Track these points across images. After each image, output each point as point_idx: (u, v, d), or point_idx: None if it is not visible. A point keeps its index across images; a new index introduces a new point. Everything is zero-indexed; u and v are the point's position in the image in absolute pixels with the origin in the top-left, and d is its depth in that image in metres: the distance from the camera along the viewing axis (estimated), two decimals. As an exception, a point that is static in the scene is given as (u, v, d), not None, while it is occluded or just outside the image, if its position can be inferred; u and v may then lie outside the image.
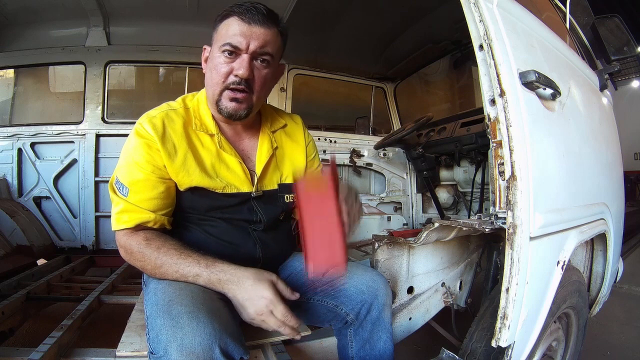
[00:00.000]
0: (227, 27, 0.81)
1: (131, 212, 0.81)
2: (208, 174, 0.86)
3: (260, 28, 0.80)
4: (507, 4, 0.93)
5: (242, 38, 0.79)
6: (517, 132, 0.80)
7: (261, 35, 0.80)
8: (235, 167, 0.90)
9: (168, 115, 0.86)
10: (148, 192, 0.81)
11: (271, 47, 0.82)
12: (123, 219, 0.80)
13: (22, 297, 1.38)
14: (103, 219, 2.25)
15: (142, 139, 0.81)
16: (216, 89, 0.83)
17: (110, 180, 0.84)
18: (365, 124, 2.82)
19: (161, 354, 0.62)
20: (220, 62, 0.81)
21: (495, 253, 1.27)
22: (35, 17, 2.10)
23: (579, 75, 1.33)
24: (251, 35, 0.79)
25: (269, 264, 0.96)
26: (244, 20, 0.79)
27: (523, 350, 0.90)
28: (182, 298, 0.69)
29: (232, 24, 0.80)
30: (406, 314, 1.13)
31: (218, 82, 0.82)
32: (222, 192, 0.87)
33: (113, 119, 2.28)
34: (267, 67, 0.84)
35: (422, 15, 2.05)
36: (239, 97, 0.82)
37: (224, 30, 0.81)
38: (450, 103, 3.05)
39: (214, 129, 0.89)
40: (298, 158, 1.03)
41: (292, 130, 1.05)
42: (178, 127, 0.85)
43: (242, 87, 0.81)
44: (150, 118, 0.84)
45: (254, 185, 0.92)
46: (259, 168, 0.93)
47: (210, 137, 0.89)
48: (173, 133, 0.84)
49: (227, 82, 0.81)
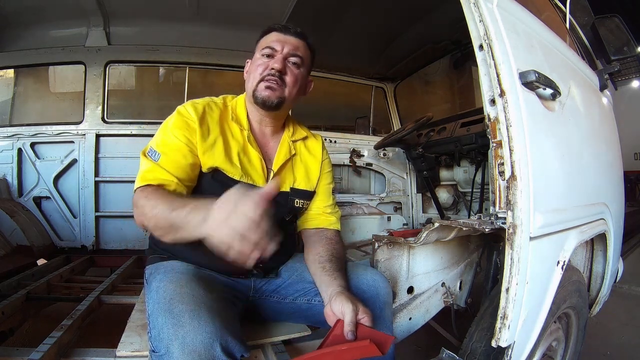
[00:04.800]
0: (266, 39, 0.97)
1: (157, 172, 0.86)
2: (231, 160, 0.94)
3: (293, 37, 0.97)
4: (507, 4, 0.93)
5: (278, 43, 0.95)
6: (517, 132, 0.80)
7: (294, 42, 0.96)
8: (256, 162, 0.98)
9: (209, 104, 0.98)
10: (178, 159, 0.88)
11: (301, 52, 0.97)
12: (147, 177, 0.85)
13: (22, 297, 1.38)
14: (103, 219, 2.26)
15: (182, 117, 0.92)
16: (254, 82, 0.95)
17: (144, 149, 0.91)
18: (365, 124, 2.82)
19: (163, 352, 0.63)
20: (259, 63, 0.95)
21: (495, 253, 1.27)
22: (35, 17, 2.10)
23: (579, 75, 1.33)
24: (285, 41, 0.95)
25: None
26: (280, 32, 0.97)
27: (523, 350, 0.90)
28: (184, 296, 0.70)
29: (271, 36, 0.97)
30: (406, 314, 1.13)
31: (256, 76, 0.95)
32: (239, 179, 0.93)
33: (113, 119, 2.28)
34: (298, 68, 0.97)
35: (422, 15, 2.05)
36: (272, 85, 0.93)
37: (264, 41, 0.98)
38: (450, 103, 3.05)
39: (245, 124, 0.99)
40: (313, 168, 1.10)
41: (312, 144, 1.13)
42: (215, 115, 0.97)
43: (275, 78, 0.93)
44: (193, 103, 0.95)
45: (267, 183, 0.97)
46: (275, 166, 1.01)
47: (240, 131, 0.98)
48: (210, 119, 0.95)
49: (264, 74, 0.94)
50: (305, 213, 1.10)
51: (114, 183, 2.25)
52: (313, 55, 1.03)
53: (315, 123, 2.77)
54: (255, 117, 1.01)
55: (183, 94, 2.41)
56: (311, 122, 2.47)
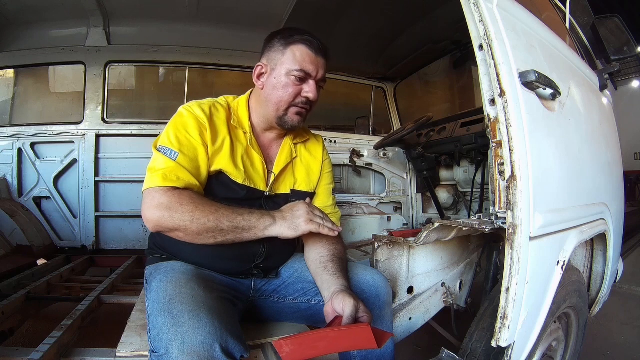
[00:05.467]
0: (297, 53, 0.91)
1: (179, 172, 0.84)
2: (235, 163, 0.94)
3: (322, 59, 0.93)
4: (507, 4, 0.93)
5: (312, 66, 0.91)
6: (517, 132, 0.80)
7: (324, 65, 0.94)
8: (258, 165, 0.98)
9: (214, 105, 0.97)
10: (196, 159, 0.88)
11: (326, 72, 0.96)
12: (171, 178, 0.83)
13: (22, 297, 1.38)
14: (103, 219, 2.26)
15: (193, 117, 0.90)
16: (282, 106, 0.93)
17: (154, 142, 0.89)
18: (365, 124, 2.82)
19: (162, 352, 0.63)
20: (289, 84, 0.91)
21: (495, 253, 1.27)
22: (35, 17, 2.10)
23: (579, 75, 1.33)
24: (318, 64, 0.92)
25: (270, 260, 1.00)
26: (311, 50, 0.91)
27: (523, 350, 0.90)
28: (183, 297, 0.70)
29: (302, 51, 0.91)
30: (406, 314, 1.13)
31: (286, 100, 0.92)
32: (241, 183, 0.94)
33: (113, 119, 2.28)
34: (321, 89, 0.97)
35: (422, 15, 2.05)
36: (303, 113, 0.95)
37: (292, 56, 0.91)
38: (450, 103, 3.05)
39: (248, 128, 0.98)
40: (313, 169, 1.10)
41: (312, 146, 1.13)
42: (222, 116, 0.96)
43: (307, 107, 0.95)
44: (199, 104, 0.94)
45: (268, 186, 0.99)
46: (276, 169, 1.02)
47: (243, 134, 0.98)
48: (217, 120, 0.94)
49: (296, 102, 0.93)
50: None
51: (114, 183, 2.25)
52: None
53: (316, 123, 2.77)
54: (262, 125, 1.01)
55: (183, 94, 2.41)
56: (311, 122, 2.47)
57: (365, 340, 0.68)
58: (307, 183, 1.07)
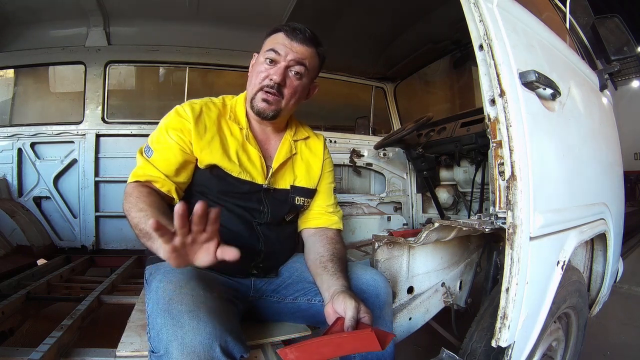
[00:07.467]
0: (273, 39, 0.94)
1: (147, 168, 0.89)
2: (229, 158, 0.95)
3: (300, 45, 0.92)
4: (507, 4, 0.93)
5: (283, 48, 0.91)
6: (517, 132, 0.80)
7: (299, 50, 0.92)
8: (255, 159, 0.99)
9: (207, 104, 0.99)
10: (169, 157, 0.90)
11: (308, 61, 0.94)
12: (137, 173, 0.89)
13: (22, 297, 1.38)
14: (103, 219, 2.26)
15: (178, 116, 0.94)
16: (253, 89, 0.95)
17: (141, 147, 0.94)
18: (365, 124, 2.81)
19: (162, 352, 0.63)
20: (261, 68, 0.93)
21: (495, 253, 1.27)
22: (35, 17, 2.10)
23: (579, 75, 1.33)
24: (290, 48, 0.91)
25: (270, 259, 1.00)
26: (287, 36, 0.92)
27: (523, 350, 0.90)
28: (183, 297, 0.70)
29: (277, 37, 0.93)
30: (406, 314, 1.13)
31: (256, 83, 0.94)
32: (237, 176, 0.95)
33: (113, 119, 2.28)
34: (299, 79, 0.94)
35: (422, 15, 2.05)
36: (269, 99, 0.93)
37: (270, 41, 0.94)
38: (450, 103, 3.05)
39: (244, 123, 1.00)
40: (314, 166, 1.10)
41: (313, 144, 1.13)
42: (213, 115, 0.97)
43: (273, 91, 0.92)
44: (191, 103, 0.97)
45: (267, 179, 0.99)
46: (275, 164, 1.02)
47: (239, 130, 0.99)
48: (207, 118, 0.96)
49: (263, 84, 0.93)
50: (306, 212, 1.10)
51: (114, 183, 2.25)
52: (322, 61, 1.01)
53: (316, 123, 2.76)
54: (255, 117, 1.01)
55: (183, 94, 2.41)
56: (311, 122, 2.45)
57: (369, 343, 0.68)
58: (307, 179, 1.07)
